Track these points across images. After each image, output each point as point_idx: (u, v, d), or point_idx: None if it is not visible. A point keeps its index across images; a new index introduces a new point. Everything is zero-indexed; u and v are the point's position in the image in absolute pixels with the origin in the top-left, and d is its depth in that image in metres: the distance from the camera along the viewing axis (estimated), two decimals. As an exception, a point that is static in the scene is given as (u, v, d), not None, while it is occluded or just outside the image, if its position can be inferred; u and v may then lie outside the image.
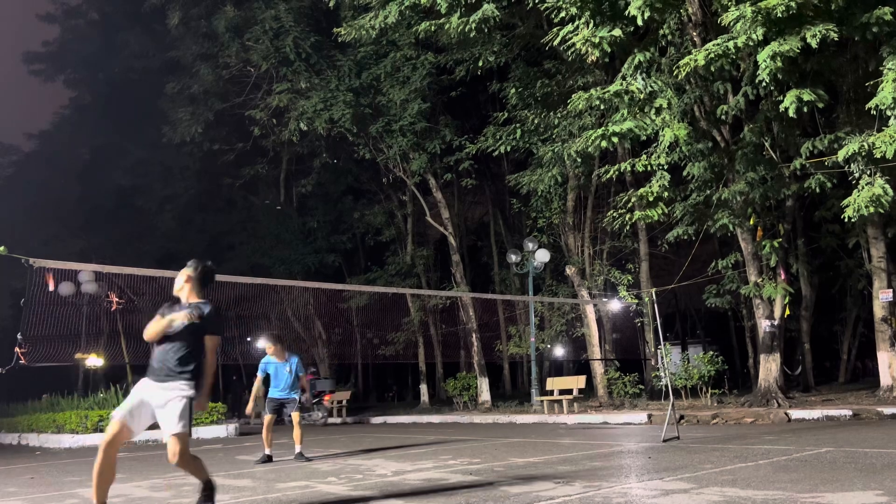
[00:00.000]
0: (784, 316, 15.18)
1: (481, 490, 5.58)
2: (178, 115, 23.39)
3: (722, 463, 6.49)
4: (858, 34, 10.93)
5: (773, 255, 14.04)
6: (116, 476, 4.86)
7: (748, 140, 13.20)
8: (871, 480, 5.13)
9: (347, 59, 20.31)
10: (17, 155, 38.12)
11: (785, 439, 8.60)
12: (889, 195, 10.75)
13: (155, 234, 30.18)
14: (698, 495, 4.88)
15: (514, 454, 8.38)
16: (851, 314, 24.93)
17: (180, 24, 22.68)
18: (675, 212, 14.55)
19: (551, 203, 20.10)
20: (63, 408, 17.18)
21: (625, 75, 12.52)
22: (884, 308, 15.21)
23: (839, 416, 11.97)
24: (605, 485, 5.54)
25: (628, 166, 13.62)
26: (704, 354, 16.91)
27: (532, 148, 17.88)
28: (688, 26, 13.43)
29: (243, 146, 24.93)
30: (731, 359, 24.96)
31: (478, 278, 29.96)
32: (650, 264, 20.89)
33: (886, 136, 10.34)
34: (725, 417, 12.53)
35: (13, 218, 31.00)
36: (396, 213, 26.82)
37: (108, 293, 23.20)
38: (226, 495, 6.13)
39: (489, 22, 13.62)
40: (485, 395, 21.12)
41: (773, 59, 10.35)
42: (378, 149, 22.14)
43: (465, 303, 22.76)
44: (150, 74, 27.15)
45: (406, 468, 7.35)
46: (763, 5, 10.18)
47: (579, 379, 17.11)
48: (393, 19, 14.88)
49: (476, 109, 24.07)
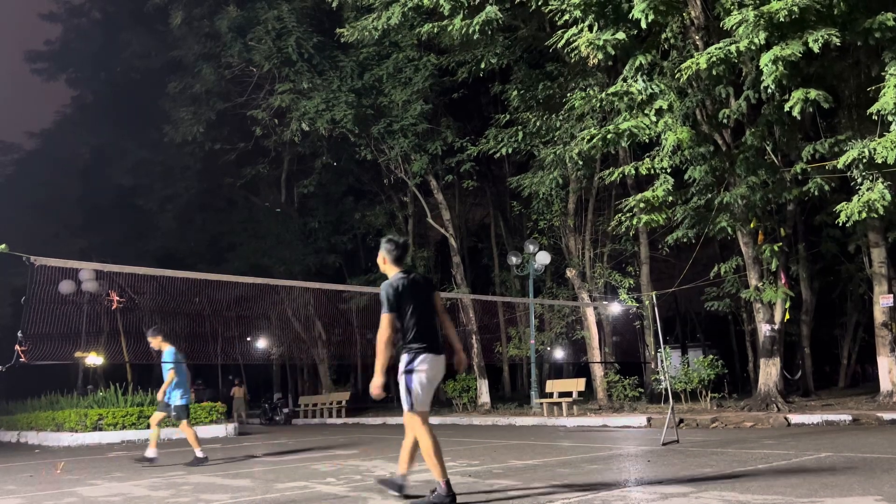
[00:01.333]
0: (784, 320, 15.16)
1: (480, 492, 5.58)
2: (180, 114, 23.41)
3: (721, 467, 6.48)
4: (860, 39, 10.93)
5: (774, 259, 14.03)
6: (115, 475, 4.87)
7: (749, 144, 13.20)
8: (870, 486, 5.13)
9: (350, 60, 20.32)
10: (18, 153, 38.17)
11: (784, 444, 8.59)
12: (886, 200, 10.75)
13: (155, 234, 30.20)
14: (697, 499, 4.88)
15: (514, 456, 8.37)
16: (852, 319, 24.91)
17: (183, 23, 22.71)
18: (676, 215, 14.55)
19: (552, 205, 20.10)
20: (62, 406, 17.18)
21: (625, 77, 12.53)
22: (884, 313, 15.21)
23: (839, 421, 11.96)
24: (604, 488, 5.54)
25: (632, 169, 13.63)
26: (704, 358, 16.89)
27: (533, 150, 17.88)
28: (690, 30, 13.44)
29: (245, 146, 24.94)
30: (730, 363, 24.94)
31: (478, 280, 29.96)
32: (651, 267, 20.89)
33: (888, 141, 10.34)
34: (725, 421, 12.51)
35: (14, 216, 31.03)
36: (397, 215, 26.82)
37: (109, 292, 23.20)
38: (224, 495, 6.13)
39: (492, 24, 13.63)
40: (484, 397, 21.11)
41: (775, 63, 10.35)
42: (379, 150, 22.15)
43: (465, 304, 22.75)
44: (152, 74, 27.19)
45: (405, 469, 7.34)
46: (765, 9, 10.19)
47: (579, 381, 17.11)
48: (396, 20, 14.89)
49: (478, 111, 24.08)
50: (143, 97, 26.80)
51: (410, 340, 5.03)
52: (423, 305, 5.14)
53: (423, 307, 5.14)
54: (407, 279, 5.14)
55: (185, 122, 23.18)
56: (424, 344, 5.03)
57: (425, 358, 5.01)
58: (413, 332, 5.02)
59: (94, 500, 6.22)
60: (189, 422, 9.51)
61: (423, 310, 5.12)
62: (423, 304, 5.14)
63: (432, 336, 5.12)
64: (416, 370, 4.98)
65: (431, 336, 5.11)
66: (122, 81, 30.14)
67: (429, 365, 5.02)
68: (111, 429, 15.10)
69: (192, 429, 9.39)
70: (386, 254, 5.25)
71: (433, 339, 5.11)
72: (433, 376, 5.06)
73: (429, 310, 5.19)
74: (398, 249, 5.25)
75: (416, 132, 20.74)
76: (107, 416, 15.22)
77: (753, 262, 14.72)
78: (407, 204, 26.04)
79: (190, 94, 23.51)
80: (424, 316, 5.12)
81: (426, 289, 5.28)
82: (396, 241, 5.31)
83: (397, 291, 5.04)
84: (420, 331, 5.04)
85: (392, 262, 5.25)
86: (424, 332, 5.06)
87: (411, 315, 5.04)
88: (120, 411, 15.46)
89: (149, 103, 25.89)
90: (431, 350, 5.05)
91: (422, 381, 4.99)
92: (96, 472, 8.54)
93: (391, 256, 5.24)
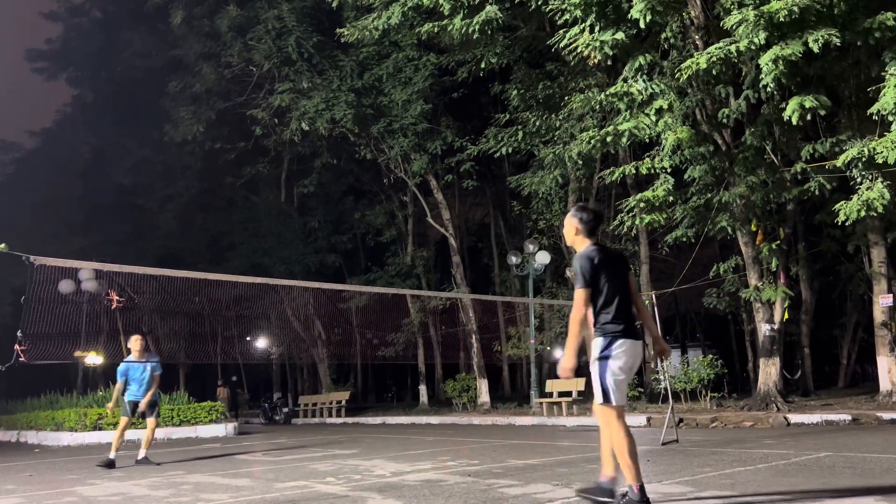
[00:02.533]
0: (784, 320, 15.16)
1: (480, 492, 5.58)
2: (180, 114, 23.43)
3: (721, 467, 6.48)
4: (860, 39, 10.93)
5: (774, 259, 14.03)
6: (115, 475, 4.86)
7: (749, 143, 13.20)
8: (870, 485, 5.13)
9: (350, 60, 20.32)
10: (18, 152, 38.24)
11: (784, 443, 8.59)
12: (886, 199, 10.75)
13: (156, 233, 30.22)
14: (697, 499, 4.88)
15: (513, 456, 8.37)
16: (851, 319, 24.91)
17: (183, 23, 22.74)
18: (675, 214, 14.55)
19: (552, 205, 20.11)
20: (62, 406, 17.19)
21: (626, 77, 12.53)
22: (884, 313, 15.20)
23: (838, 421, 11.95)
24: (603, 487, 5.53)
25: (632, 169, 13.63)
26: (704, 358, 16.88)
27: (533, 150, 17.88)
28: (690, 29, 13.44)
29: (245, 146, 24.96)
30: (730, 362, 24.94)
31: (478, 280, 29.97)
32: (650, 267, 20.88)
33: (888, 141, 10.34)
34: (724, 421, 12.51)
35: (14, 215, 31.05)
36: (397, 214, 26.83)
37: (109, 291, 23.19)
38: (224, 494, 6.13)
39: (492, 24, 13.64)
40: (484, 397, 21.11)
41: (775, 63, 10.35)
42: (379, 149, 22.15)
43: (464, 304, 22.76)
44: (153, 73, 27.21)
45: (405, 469, 7.35)
46: (765, 9, 10.19)
47: (579, 381, 17.08)
48: (396, 20, 14.90)
49: (478, 111, 24.08)
50: (144, 96, 26.83)
51: (605, 322, 4.46)
52: (620, 283, 4.54)
53: (621, 285, 4.55)
54: (603, 253, 4.54)
55: (186, 121, 23.20)
56: (621, 327, 4.45)
57: (623, 343, 4.43)
58: (608, 313, 4.45)
59: (94, 499, 6.22)
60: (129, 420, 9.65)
61: (619, 288, 4.52)
62: (620, 282, 4.55)
63: (630, 318, 4.54)
64: (612, 356, 4.43)
65: (629, 318, 4.53)
66: (123, 81, 30.16)
67: (627, 351, 4.44)
68: (111, 428, 15.08)
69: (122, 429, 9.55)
70: (579, 223, 4.61)
71: (631, 322, 4.53)
72: (631, 364, 4.49)
73: (626, 289, 4.59)
74: (593, 220, 4.64)
75: (416, 132, 20.74)
76: (106, 416, 15.22)
77: (753, 262, 14.72)
78: (407, 203, 26.05)
79: (190, 93, 23.53)
80: (621, 295, 4.51)
81: (622, 265, 4.69)
82: (592, 210, 4.73)
83: (594, 264, 4.43)
84: (617, 312, 4.45)
85: (586, 234, 4.61)
86: (621, 314, 4.47)
87: (607, 293, 4.44)
88: (119, 411, 15.44)
89: (149, 102, 25.92)
90: (629, 334, 4.47)
91: (621, 368, 4.42)
92: (96, 471, 8.55)
93: (585, 228, 4.61)
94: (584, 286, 4.40)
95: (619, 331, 4.44)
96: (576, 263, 4.48)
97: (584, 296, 4.40)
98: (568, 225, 4.69)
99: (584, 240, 4.62)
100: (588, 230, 4.61)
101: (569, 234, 4.70)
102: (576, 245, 4.66)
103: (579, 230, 4.63)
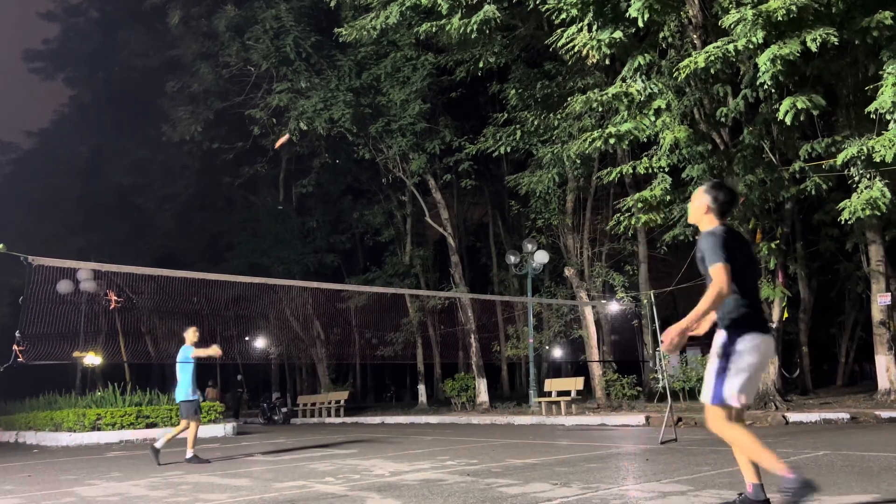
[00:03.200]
0: (782, 319, 15.18)
1: (479, 491, 5.58)
2: (178, 113, 23.40)
3: (719, 465, 6.49)
4: (858, 38, 10.95)
5: (772, 258, 14.05)
6: (114, 475, 4.85)
7: (747, 142, 13.21)
8: (868, 484, 5.14)
9: (348, 59, 20.31)
10: (16, 153, 38.20)
11: (782, 442, 8.60)
12: (887, 198, 10.77)
13: (154, 233, 30.22)
14: (696, 498, 4.89)
15: (512, 455, 8.37)
16: (849, 317, 24.95)
17: (181, 22, 22.71)
18: (673, 213, 14.56)
19: (550, 204, 20.11)
20: (61, 406, 17.17)
21: (624, 77, 12.53)
22: (882, 311, 15.23)
23: (837, 420, 11.97)
24: (602, 486, 5.54)
25: (629, 169, 13.63)
26: (703, 357, 16.90)
27: (531, 149, 17.89)
28: (688, 29, 13.44)
29: (243, 145, 24.94)
30: (729, 361, 24.89)
31: (476, 279, 29.97)
32: (649, 266, 20.91)
33: (886, 139, 10.36)
34: (723, 420, 12.51)
35: (12, 216, 31.02)
36: (395, 214, 26.83)
37: (107, 291, 23.19)
38: (223, 494, 6.13)
39: (490, 23, 13.64)
40: (483, 396, 21.11)
41: (773, 62, 10.36)
42: (378, 149, 22.14)
43: (463, 304, 22.75)
44: (151, 73, 27.19)
45: (404, 468, 7.35)
46: (763, 8, 10.20)
47: (577, 380, 17.10)
48: (394, 20, 14.89)
49: (476, 110, 24.09)
50: (142, 96, 26.82)
51: (733, 310, 3.91)
52: (751, 270, 4.06)
53: (752, 277, 4.09)
54: (737, 237, 4.06)
55: (184, 121, 23.18)
56: (752, 318, 3.91)
57: (754, 338, 3.86)
58: (738, 302, 3.90)
59: (93, 499, 6.22)
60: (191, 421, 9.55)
61: (752, 279, 4.05)
62: (751, 269, 4.06)
63: (760, 309, 4.02)
64: (740, 352, 3.84)
65: (759, 309, 4.01)
66: (120, 80, 30.15)
67: (758, 347, 3.86)
68: (109, 429, 15.09)
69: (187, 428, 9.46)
70: (712, 202, 4.09)
71: (761, 314, 4.01)
72: (762, 363, 3.92)
73: (755, 277, 4.16)
74: (728, 202, 4.13)
75: (415, 131, 20.74)
76: (105, 416, 15.21)
77: (751, 261, 14.71)
78: (405, 203, 26.04)
79: (188, 93, 23.51)
80: (753, 286, 4.05)
81: (751, 252, 4.20)
82: (729, 191, 4.19)
83: (727, 242, 3.88)
84: (746, 301, 3.91)
85: (717, 214, 4.09)
86: (751, 304, 3.94)
87: (739, 281, 3.87)
88: (118, 411, 15.45)
89: (147, 102, 25.90)
90: (760, 328, 3.90)
91: (749, 366, 3.84)
92: (94, 471, 8.54)
93: (718, 208, 4.09)
94: (724, 261, 3.80)
95: (750, 323, 3.90)
96: (706, 241, 3.95)
97: (726, 269, 3.77)
98: (698, 201, 4.17)
99: (713, 219, 4.10)
100: (721, 211, 4.11)
101: (697, 210, 4.17)
102: (701, 224, 4.17)
103: (710, 208, 4.11)
